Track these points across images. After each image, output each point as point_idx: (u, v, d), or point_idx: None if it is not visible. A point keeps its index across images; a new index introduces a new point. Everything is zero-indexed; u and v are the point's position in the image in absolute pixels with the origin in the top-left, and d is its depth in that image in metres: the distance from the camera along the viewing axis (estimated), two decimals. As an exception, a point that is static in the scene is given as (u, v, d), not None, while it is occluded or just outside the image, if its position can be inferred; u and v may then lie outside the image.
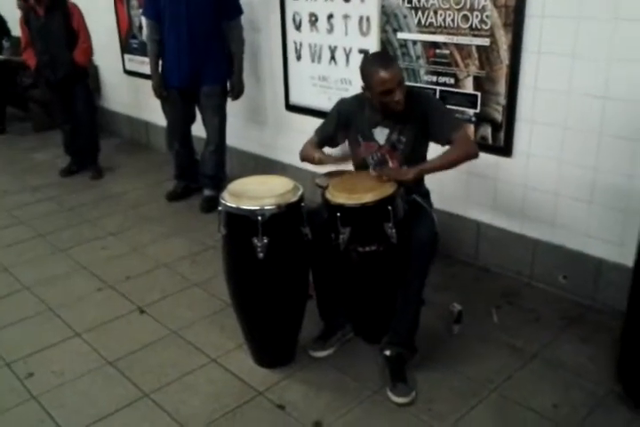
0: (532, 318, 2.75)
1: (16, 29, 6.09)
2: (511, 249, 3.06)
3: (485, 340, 2.60)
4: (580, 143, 2.65)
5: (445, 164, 2.34)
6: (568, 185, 2.76)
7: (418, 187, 2.52)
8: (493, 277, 3.11)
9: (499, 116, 2.87)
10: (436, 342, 2.57)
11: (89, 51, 4.53)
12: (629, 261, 2.26)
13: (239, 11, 3.82)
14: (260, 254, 2.21)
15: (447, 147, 2.35)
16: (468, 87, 2.94)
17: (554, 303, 2.85)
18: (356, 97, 2.50)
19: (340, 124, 2.51)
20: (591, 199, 2.69)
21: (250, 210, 2.19)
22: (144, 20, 4.06)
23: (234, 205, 2.22)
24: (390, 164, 2.40)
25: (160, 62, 3.90)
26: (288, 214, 2.24)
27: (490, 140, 2.95)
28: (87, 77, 4.73)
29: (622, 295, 2.29)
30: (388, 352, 2.37)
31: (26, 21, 4.44)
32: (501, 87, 2.82)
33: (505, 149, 2.91)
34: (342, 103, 2.55)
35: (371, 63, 2.31)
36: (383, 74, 2.23)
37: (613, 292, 2.67)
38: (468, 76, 2.92)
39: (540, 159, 2.81)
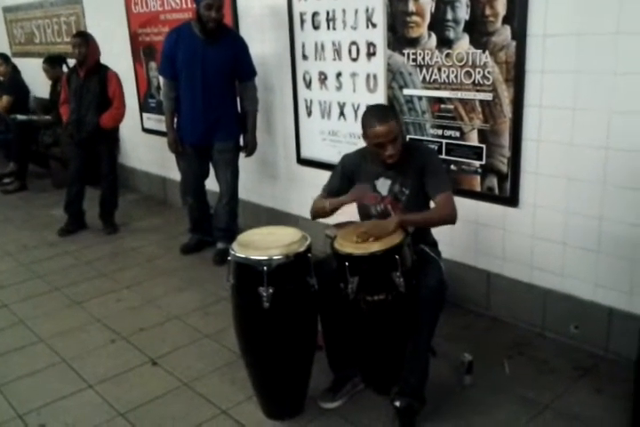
0: (544, 368, 2.72)
1: (38, 91, 6.39)
2: (522, 299, 3.05)
3: (497, 391, 2.57)
4: (585, 193, 2.69)
5: (422, 221, 2.43)
6: (575, 235, 2.78)
7: (425, 237, 2.56)
8: (505, 327, 3.10)
9: (504, 168, 2.93)
10: (446, 393, 2.55)
11: (118, 117, 4.69)
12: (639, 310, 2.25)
13: (253, 72, 3.95)
14: (266, 304, 2.23)
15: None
16: (473, 140, 3.02)
17: (566, 353, 2.82)
18: (359, 151, 2.60)
19: (345, 177, 2.58)
20: (599, 249, 2.71)
21: (256, 260, 2.24)
22: (161, 79, 4.24)
23: (242, 255, 2.27)
24: (393, 214, 2.45)
25: (176, 119, 4.04)
26: (294, 264, 2.28)
27: (496, 191, 3.00)
28: (114, 141, 4.91)
29: (635, 345, 2.26)
30: (397, 403, 2.33)
31: (67, 80, 4.69)
32: (505, 140, 2.89)
33: (511, 200, 2.95)
34: (346, 157, 2.64)
35: (369, 115, 2.41)
36: (378, 128, 2.32)
37: (626, 341, 2.62)
38: (473, 129, 3.01)
39: (547, 209, 2.85)
